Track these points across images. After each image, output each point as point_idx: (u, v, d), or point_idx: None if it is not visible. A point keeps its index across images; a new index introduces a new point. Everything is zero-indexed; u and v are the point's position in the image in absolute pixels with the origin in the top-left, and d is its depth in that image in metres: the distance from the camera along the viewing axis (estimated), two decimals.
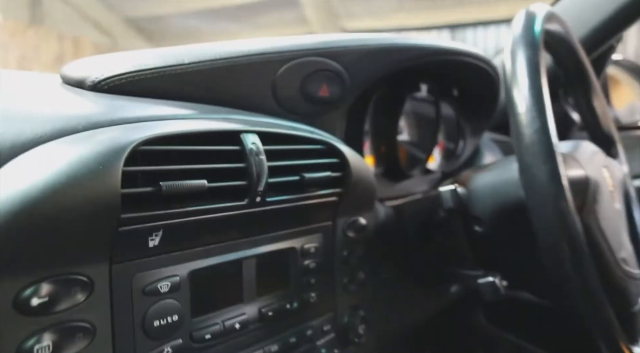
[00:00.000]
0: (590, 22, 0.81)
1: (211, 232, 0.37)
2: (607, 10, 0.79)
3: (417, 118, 0.75)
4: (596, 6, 0.80)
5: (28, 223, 0.26)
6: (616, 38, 0.85)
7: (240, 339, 0.40)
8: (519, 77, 0.43)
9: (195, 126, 0.36)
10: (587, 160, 0.52)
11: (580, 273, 0.41)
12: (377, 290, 0.56)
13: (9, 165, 0.28)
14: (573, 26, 0.83)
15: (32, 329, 0.28)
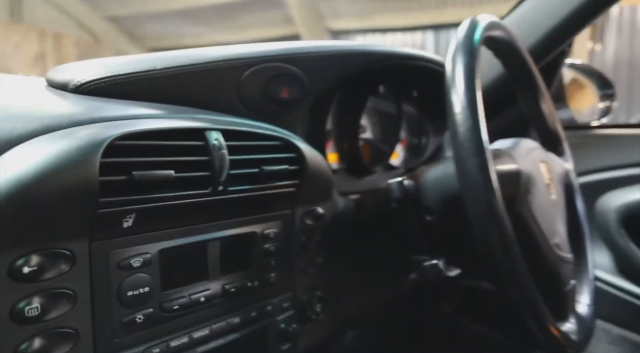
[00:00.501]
0: (539, 30, 0.85)
1: (179, 216, 0.42)
2: (555, 20, 0.83)
3: (380, 117, 0.78)
4: (544, 16, 0.85)
5: (20, 204, 0.31)
6: (566, 44, 0.88)
7: (205, 311, 0.45)
8: (456, 81, 0.46)
9: (165, 124, 0.40)
10: (523, 156, 0.55)
11: (509, 259, 0.43)
12: (336, 273, 0.59)
13: (4, 156, 0.33)
14: (524, 35, 0.86)
15: (24, 293, 0.32)
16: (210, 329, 0.45)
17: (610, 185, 0.89)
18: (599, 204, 0.89)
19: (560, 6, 0.83)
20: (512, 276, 0.44)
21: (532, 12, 0.87)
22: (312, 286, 0.56)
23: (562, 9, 0.83)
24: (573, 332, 0.55)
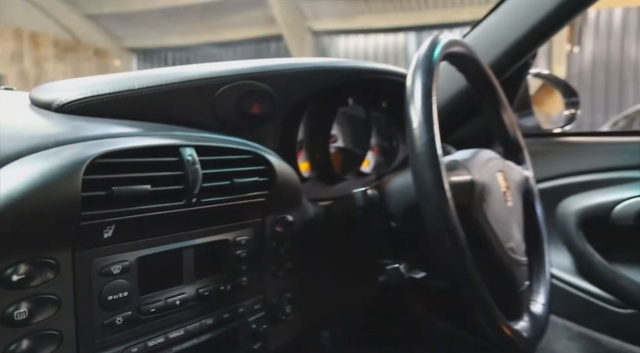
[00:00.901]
0: (500, 46, 0.90)
1: (155, 226, 0.45)
2: (514, 36, 0.89)
3: (351, 126, 0.81)
4: (504, 33, 0.90)
5: (10, 219, 0.34)
6: (529, 57, 0.93)
7: (180, 313, 0.48)
8: (415, 98, 0.50)
9: (142, 142, 0.43)
10: (479, 166, 0.59)
11: (461, 262, 0.47)
12: (306, 276, 0.62)
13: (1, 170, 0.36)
14: (486, 50, 0.91)
15: (13, 299, 0.35)
16: (185, 330, 0.48)
17: (570, 190, 0.94)
18: (560, 208, 0.94)
19: (519, 24, 0.88)
20: (464, 278, 0.48)
21: (492, 29, 0.91)
22: (283, 289, 0.59)
23: (520, 26, 0.87)
24: (526, 329, 0.59)
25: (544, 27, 0.86)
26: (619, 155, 0.92)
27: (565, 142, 1.01)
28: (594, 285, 0.90)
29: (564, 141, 1.02)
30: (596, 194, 0.91)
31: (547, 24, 0.86)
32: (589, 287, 0.91)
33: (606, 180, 0.91)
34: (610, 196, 0.89)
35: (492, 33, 0.92)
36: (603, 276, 0.88)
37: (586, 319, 0.92)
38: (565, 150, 1.00)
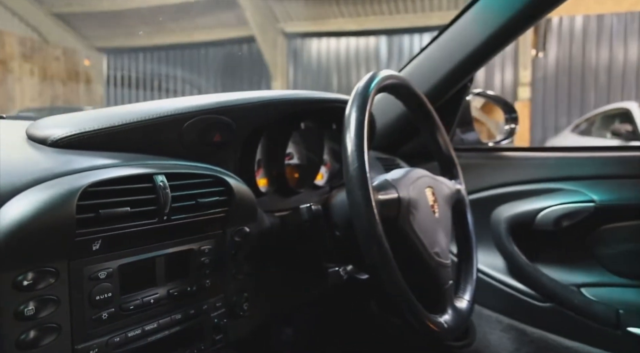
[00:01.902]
0: (435, 76, 1.03)
1: (134, 240, 0.54)
2: (447, 67, 1.03)
3: (306, 145, 0.91)
4: (438, 65, 1.04)
5: (21, 238, 0.44)
6: (465, 81, 1.06)
7: (154, 310, 0.57)
8: (350, 129, 0.60)
9: (122, 172, 0.53)
10: (408, 184, 0.69)
11: (386, 267, 0.57)
12: (262, 278, 0.72)
13: (10, 202, 0.45)
14: (423, 80, 1.03)
15: (23, 299, 0.44)
16: (158, 323, 0.57)
17: (502, 199, 1.07)
18: (493, 215, 1.06)
19: (451, 57, 1.00)
20: (388, 281, 0.58)
21: (427, 62, 1.04)
22: (241, 289, 0.68)
23: (452, 59, 1.00)
24: (447, 321, 0.70)
25: (474, 59, 0.99)
26: (542, 169, 1.06)
27: (499, 156, 1.14)
28: (520, 283, 1.03)
29: (498, 155, 1.14)
30: (523, 203, 1.03)
31: (476, 56, 0.98)
32: (517, 284, 1.04)
33: (531, 191, 1.04)
34: (534, 205, 1.02)
35: (427, 65, 1.04)
36: (527, 275, 1.01)
37: (515, 312, 1.05)
38: (499, 163, 1.12)
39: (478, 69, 1.02)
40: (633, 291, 0.95)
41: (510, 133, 1.28)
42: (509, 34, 0.98)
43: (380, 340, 1.17)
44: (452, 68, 1.01)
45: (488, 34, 0.97)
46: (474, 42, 0.98)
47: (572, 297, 0.97)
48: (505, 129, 1.29)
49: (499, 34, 0.97)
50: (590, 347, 0.96)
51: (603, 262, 0.99)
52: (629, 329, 0.92)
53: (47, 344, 0.45)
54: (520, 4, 0.94)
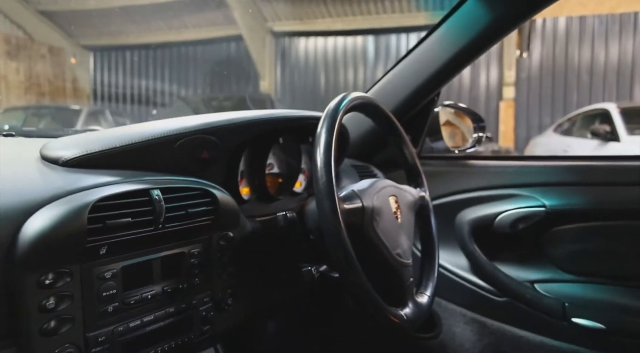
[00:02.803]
0: (402, 93, 1.14)
1: (134, 245, 0.63)
2: (412, 86, 1.13)
3: (285, 156, 1.01)
4: (404, 84, 1.14)
5: (44, 246, 0.52)
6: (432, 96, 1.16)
7: (151, 304, 0.66)
8: (319, 147, 0.69)
9: (124, 188, 0.62)
10: (372, 194, 0.79)
11: (350, 269, 0.66)
12: (245, 277, 0.81)
13: (31, 218, 0.54)
14: (391, 98, 1.13)
15: (45, 295, 0.53)
16: (154, 315, 0.66)
17: (465, 204, 1.17)
18: (457, 219, 1.16)
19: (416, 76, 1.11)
20: (353, 281, 0.67)
21: (394, 82, 1.14)
22: (226, 287, 0.77)
23: (418, 77, 1.10)
24: (408, 314, 0.80)
25: (439, 77, 1.09)
26: (501, 176, 1.16)
27: (464, 164, 1.24)
28: (481, 279, 1.14)
29: (463, 163, 1.25)
30: (483, 207, 1.14)
31: (440, 75, 1.09)
32: (478, 281, 1.14)
33: (491, 196, 1.14)
34: (493, 209, 1.12)
35: (395, 84, 1.14)
36: (487, 273, 1.12)
37: (476, 307, 1.15)
38: (463, 171, 1.23)
39: (443, 85, 1.12)
40: (578, 286, 1.06)
41: (478, 141, 1.38)
42: (470, 55, 1.08)
43: (356, 332, 1.27)
44: (419, 85, 1.11)
45: (450, 56, 1.08)
46: (437, 62, 1.09)
47: (526, 292, 1.08)
48: (473, 137, 1.39)
49: (461, 55, 1.08)
50: (540, 336, 1.07)
51: (554, 260, 1.10)
52: (573, 320, 1.03)
53: (64, 332, 0.54)
54: (482, 27, 1.04)
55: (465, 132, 1.45)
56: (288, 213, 0.80)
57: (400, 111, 1.13)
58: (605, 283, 1.05)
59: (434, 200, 1.20)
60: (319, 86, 10.12)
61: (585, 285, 1.06)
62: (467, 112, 1.40)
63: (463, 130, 1.43)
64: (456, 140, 1.42)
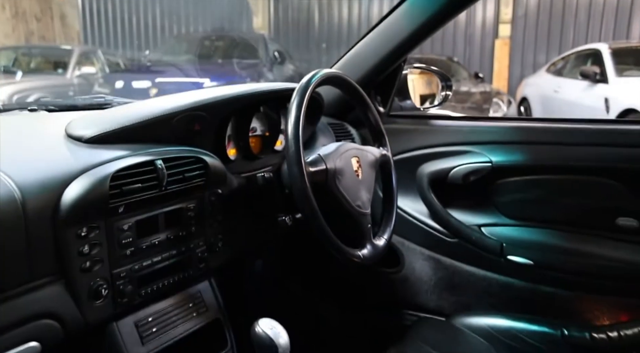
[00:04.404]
0: (367, 64, 1.27)
1: (144, 203, 0.79)
2: (378, 56, 1.26)
3: (267, 120, 1.16)
4: (370, 55, 1.27)
5: (80, 206, 0.68)
6: (399, 63, 1.30)
7: (158, 248, 0.83)
8: (290, 119, 0.85)
9: (134, 160, 0.77)
10: (335, 157, 0.94)
11: (314, 219, 0.84)
12: (232, 224, 0.99)
13: (69, 187, 0.69)
14: (356, 69, 1.27)
15: (81, 244, 0.71)
16: (161, 256, 0.84)
17: (426, 158, 1.33)
18: (418, 171, 1.33)
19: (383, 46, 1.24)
20: (316, 228, 0.85)
21: (363, 51, 1.28)
22: (217, 233, 0.95)
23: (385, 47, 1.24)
24: (364, 253, 0.98)
25: (404, 47, 1.23)
26: (457, 134, 1.33)
27: (426, 122, 1.40)
28: (437, 223, 1.33)
29: (425, 122, 1.40)
30: (440, 162, 1.31)
31: (405, 45, 1.22)
32: (434, 225, 1.33)
33: (448, 152, 1.31)
34: (448, 163, 1.29)
35: (363, 54, 1.28)
36: (441, 218, 1.31)
37: (433, 246, 1.35)
38: (425, 129, 1.39)
39: (409, 53, 1.26)
40: (515, 229, 1.26)
41: (445, 99, 1.52)
42: (434, 26, 1.21)
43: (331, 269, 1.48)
44: (386, 55, 1.25)
45: (416, 27, 1.20)
46: (403, 33, 1.22)
47: (472, 234, 1.27)
48: (441, 95, 1.53)
49: (426, 26, 1.21)
50: (483, 271, 1.28)
51: (498, 207, 1.29)
52: (509, 257, 1.23)
53: (96, 270, 0.73)
54: None
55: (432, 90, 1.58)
56: (265, 174, 0.98)
57: (369, 78, 1.28)
58: (537, 226, 1.24)
59: (400, 154, 1.37)
60: (313, 23, 9.96)
61: (521, 228, 1.26)
62: (434, 72, 1.53)
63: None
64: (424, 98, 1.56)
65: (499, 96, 5.50)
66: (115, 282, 0.76)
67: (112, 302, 0.76)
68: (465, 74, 6.55)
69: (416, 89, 1.51)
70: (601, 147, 1.16)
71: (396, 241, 1.39)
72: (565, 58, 6.80)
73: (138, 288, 0.81)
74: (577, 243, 1.20)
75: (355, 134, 1.41)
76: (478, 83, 6.29)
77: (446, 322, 1.24)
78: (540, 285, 1.22)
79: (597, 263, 1.17)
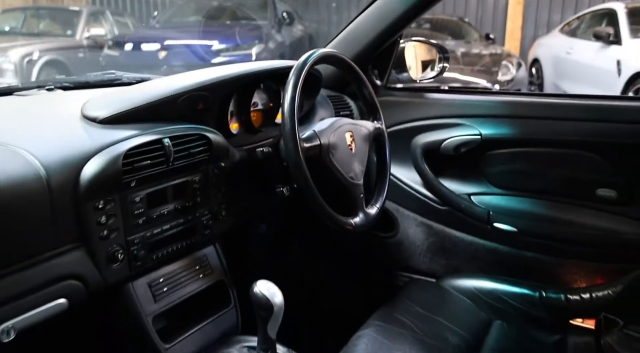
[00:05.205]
0: (363, 41, 1.32)
1: (153, 178, 0.87)
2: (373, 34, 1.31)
3: (267, 95, 1.22)
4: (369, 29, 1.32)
5: (97, 180, 0.76)
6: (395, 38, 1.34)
7: (167, 217, 0.91)
8: (286, 98, 0.92)
9: (144, 139, 0.84)
10: (329, 133, 1.01)
11: (307, 190, 0.92)
12: (234, 194, 1.08)
13: (87, 164, 0.77)
14: (351, 47, 1.32)
15: (98, 215, 0.80)
16: (170, 225, 0.93)
17: (420, 130, 1.40)
18: (413, 142, 1.40)
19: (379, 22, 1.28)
20: (310, 198, 0.93)
21: (359, 28, 1.32)
22: (220, 203, 1.04)
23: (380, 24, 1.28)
24: (356, 220, 1.07)
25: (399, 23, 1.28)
26: (449, 108, 1.38)
27: (421, 95, 1.46)
28: (429, 192, 1.41)
29: (420, 95, 1.46)
30: (434, 133, 1.37)
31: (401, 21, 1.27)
32: (427, 193, 1.41)
33: (440, 124, 1.37)
34: (441, 135, 1.36)
35: (359, 31, 1.33)
36: (433, 186, 1.39)
37: (425, 213, 1.44)
38: (420, 101, 1.44)
39: (405, 29, 1.31)
40: (502, 198, 1.33)
41: (442, 71, 1.57)
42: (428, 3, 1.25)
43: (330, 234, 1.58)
44: (382, 31, 1.29)
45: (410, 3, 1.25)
46: (398, 9, 1.26)
47: (461, 202, 1.35)
48: (438, 67, 1.58)
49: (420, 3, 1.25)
50: (471, 237, 1.37)
51: (486, 177, 1.36)
52: (495, 224, 1.31)
53: (113, 237, 0.83)
54: None
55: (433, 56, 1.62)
56: (265, 148, 1.06)
57: (366, 53, 1.33)
58: (522, 196, 1.32)
59: (396, 126, 1.43)
60: None
61: (507, 197, 1.33)
62: (432, 45, 1.57)
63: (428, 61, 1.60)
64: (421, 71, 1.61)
65: (508, 58, 5.43)
66: (129, 248, 0.86)
67: (128, 265, 0.86)
68: (476, 36, 6.45)
69: (418, 56, 1.55)
70: (583, 122, 1.22)
71: (392, 207, 1.48)
72: (580, 18, 6.63)
73: (150, 253, 0.90)
74: (559, 212, 1.27)
75: (353, 106, 1.48)
76: (489, 45, 6.20)
77: (435, 283, 1.34)
78: (523, 250, 1.30)
79: (577, 230, 1.25)
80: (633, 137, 1.17)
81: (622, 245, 1.20)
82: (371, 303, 1.20)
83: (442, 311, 1.18)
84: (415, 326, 1.10)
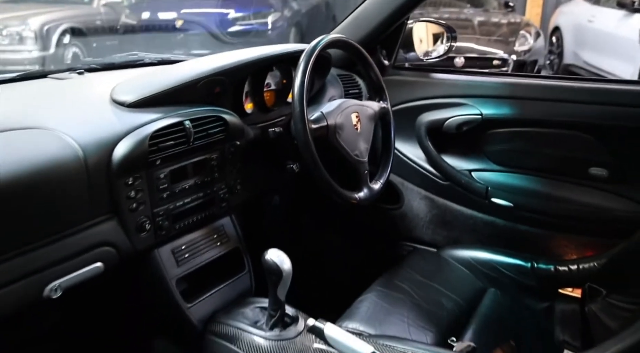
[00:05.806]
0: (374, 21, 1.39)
1: (176, 157, 0.96)
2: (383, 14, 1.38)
3: (281, 76, 1.30)
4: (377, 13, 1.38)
5: (127, 160, 0.86)
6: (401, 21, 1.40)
7: (188, 190, 1.01)
8: (296, 83, 1.00)
9: (167, 121, 0.92)
10: (336, 114, 1.09)
11: (314, 167, 1.01)
12: (248, 170, 1.17)
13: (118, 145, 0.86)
14: (357, 31, 1.38)
15: (128, 190, 0.90)
16: (190, 198, 1.03)
17: (425, 108, 1.47)
18: (418, 120, 1.47)
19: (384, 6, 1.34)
20: (317, 175, 1.02)
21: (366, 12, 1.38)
22: (236, 178, 1.13)
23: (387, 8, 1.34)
24: (360, 195, 1.16)
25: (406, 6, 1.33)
26: (453, 88, 1.45)
27: (427, 75, 1.52)
28: (432, 168, 1.49)
29: (426, 74, 1.52)
30: (437, 112, 1.45)
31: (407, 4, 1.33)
32: (430, 169, 1.50)
33: (444, 103, 1.44)
34: (444, 114, 1.43)
35: (364, 16, 1.39)
36: (436, 162, 1.47)
37: (429, 187, 1.52)
38: (426, 81, 1.51)
39: (411, 12, 1.37)
40: (500, 174, 1.41)
41: (449, 50, 1.62)
42: None
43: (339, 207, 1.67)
44: (389, 14, 1.35)
45: None
46: None
47: (462, 178, 1.43)
48: (445, 46, 1.63)
49: None
50: (470, 210, 1.46)
51: (486, 155, 1.43)
52: (492, 199, 1.39)
53: (141, 210, 0.93)
54: None
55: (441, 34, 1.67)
56: (276, 128, 1.15)
57: (374, 35, 1.40)
58: (519, 172, 1.39)
59: (403, 104, 1.51)
60: None
61: (505, 174, 1.41)
62: (439, 24, 1.62)
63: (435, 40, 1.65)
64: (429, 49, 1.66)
65: (527, 28, 5.34)
66: (155, 219, 0.97)
67: (154, 234, 0.97)
68: (495, 4, 6.32)
69: (429, 29, 1.61)
70: (579, 104, 1.28)
71: (397, 181, 1.56)
72: None
73: (173, 223, 1.01)
74: (553, 189, 1.35)
75: (362, 85, 1.55)
76: (508, 13, 6.09)
77: (436, 253, 1.44)
78: (518, 224, 1.39)
79: (569, 206, 1.33)
80: (626, 119, 1.23)
81: (610, 221, 1.28)
82: (375, 271, 1.31)
83: (440, 279, 1.28)
84: (414, 292, 1.20)
